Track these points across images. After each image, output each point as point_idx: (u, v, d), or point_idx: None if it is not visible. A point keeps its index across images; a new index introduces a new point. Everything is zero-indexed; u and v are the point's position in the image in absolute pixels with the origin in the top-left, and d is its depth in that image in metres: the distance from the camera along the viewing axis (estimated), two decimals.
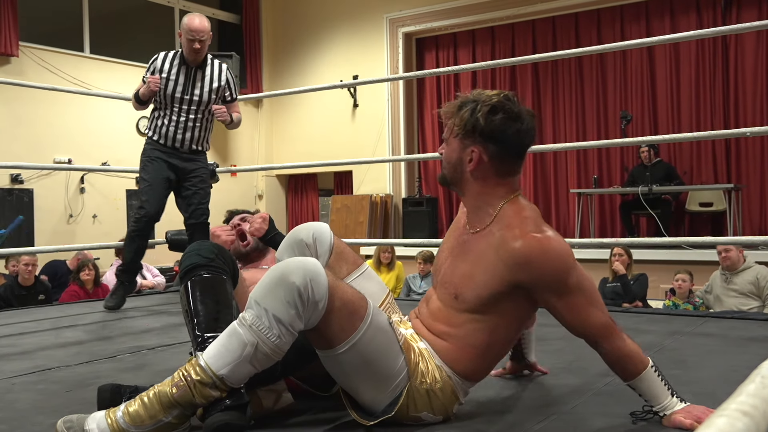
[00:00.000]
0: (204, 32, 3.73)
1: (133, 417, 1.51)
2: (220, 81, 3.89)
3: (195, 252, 1.82)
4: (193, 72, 3.82)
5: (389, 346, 1.59)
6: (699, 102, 8.24)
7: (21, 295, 5.73)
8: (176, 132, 3.84)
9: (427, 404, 1.63)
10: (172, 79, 3.78)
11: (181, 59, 3.82)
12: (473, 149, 1.65)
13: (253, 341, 1.50)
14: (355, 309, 1.56)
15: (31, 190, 7.95)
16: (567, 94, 8.99)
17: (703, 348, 2.60)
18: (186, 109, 3.84)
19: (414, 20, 9.55)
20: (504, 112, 1.64)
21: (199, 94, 3.83)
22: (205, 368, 1.52)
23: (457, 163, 1.69)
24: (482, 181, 1.67)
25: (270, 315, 1.50)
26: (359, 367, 1.58)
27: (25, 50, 7.91)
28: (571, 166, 8.95)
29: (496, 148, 1.64)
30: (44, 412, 1.88)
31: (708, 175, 8.14)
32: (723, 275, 5.47)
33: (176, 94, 3.80)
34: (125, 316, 3.80)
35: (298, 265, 1.52)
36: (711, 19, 8.05)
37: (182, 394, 1.52)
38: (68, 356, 2.66)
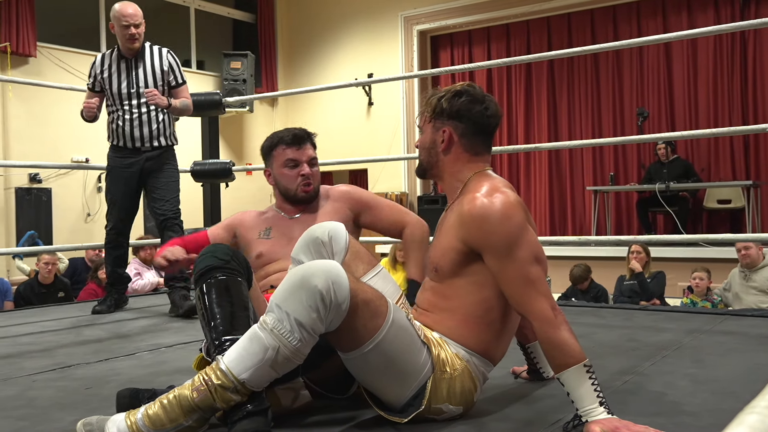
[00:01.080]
0: (138, 16, 3.58)
1: (153, 420, 1.51)
2: (162, 66, 3.68)
3: (210, 254, 1.81)
4: (133, 63, 3.62)
5: (411, 342, 1.60)
6: (717, 99, 8.16)
7: (41, 293, 5.79)
8: (132, 130, 3.63)
9: (448, 395, 1.64)
10: (114, 75, 3.61)
11: (118, 53, 3.64)
12: (444, 129, 1.77)
13: (274, 345, 1.50)
14: (377, 309, 1.56)
15: (50, 189, 8.02)
16: (583, 91, 8.94)
17: (723, 346, 2.58)
18: (137, 104, 3.63)
19: (429, 18, 9.53)
20: (467, 95, 1.76)
21: (145, 85, 3.62)
22: (227, 372, 1.51)
23: (431, 145, 1.81)
24: (454, 159, 1.78)
25: (292, 319, 1.49)
26: (383, 366, 1.59)
27: (43, 50, 7.97)
28: (588, 163, 8.90)
29: (464, 126, 1.76)
30: (64, 408, 1.90)
31: (726, 172, 8.07)
32: (742, 272, 5.43)
33: (122, 90, 3.60)
34: (143, 315, 3.83)
35: (320, 268, 1.52)
36: (729, 15, 7.97)
37: (203, 398, 1.51)
38: (88, 354, 2.69)
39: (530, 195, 9.24)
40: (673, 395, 1.86)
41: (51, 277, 5.89)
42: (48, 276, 5.86)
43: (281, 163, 2.30)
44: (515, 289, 1.60)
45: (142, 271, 6.49)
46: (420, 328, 1.67)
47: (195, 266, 1.84)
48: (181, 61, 10.61)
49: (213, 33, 10.32)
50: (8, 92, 7.64)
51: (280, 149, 2.32)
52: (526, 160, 9.28)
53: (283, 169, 2.29)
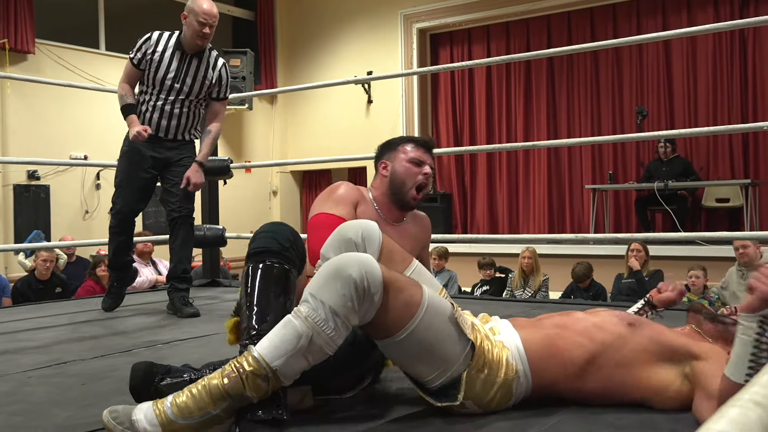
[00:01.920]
0: (216, 17, 3.46)
1: (181, 408, 1.49)
2: (212, 76, 3.57)
3: (271, 235, 1.76)
4: (188, 59, 3.50)
5: (447, 331, 1.63)
6: (716, 97, 8.16)
7: (38, 290, 5.79)
8: (161, 119, 3.51)
9: (478, 394, 1.65)
10: (165, 64, 3.47)
11: (177, 43, 3.49)
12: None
13: (308, 333, 1.51)
14: (411, 297, 1.60)
15: (48, 186, 8.01)
16: (582, 89, 8.94)
17: None
18: (173, 99, 3.51)
19: (428, 16, 9.52)
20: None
21: (191, 84, 3.51)
22: (259, 359, 1.51)
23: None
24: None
25: (327, 307, 1.52)
26: (418, 352, 1.62)
27: (42, 47, 7.97)
28: (586, 161, 8.91)
29: None
30: (60, 404, 1.90)
31: (725, 170, 8.07)
32: (739, 271, 5.44)
33: (166, 80, 3.48)
34: (141, 311, 3.82)
35: (353, 259, 1.56)
36: (728, 14, 7.97)
37: (233, 385, 1.50)
38: (84, 350, 2.68)
39: (529, 193, 9.25)
40: None
41: (48, 274, 5.89)
42: (45, 272, 5.87)
43: (408, 158, 2.22)
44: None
45: (140, 268, 6.49)
46: (469, 322, 1.70)
47: (252, 240, 1.78)
48: None
49: None
50: (6, 89, 7.64)
51: (410, 146, 2.24)
52: (525, 158, 9.28)
53: (407, 163, 2.21)
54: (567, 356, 1.70)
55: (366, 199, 2.25)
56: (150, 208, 8.94)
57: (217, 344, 2.72)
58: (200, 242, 4.86)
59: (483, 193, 9.56)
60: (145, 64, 3.49)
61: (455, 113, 9.85)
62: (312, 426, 1.66)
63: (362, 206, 2.22)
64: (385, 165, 2.27)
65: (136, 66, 3.50)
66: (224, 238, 4.79)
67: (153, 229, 8.64)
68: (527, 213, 9.27)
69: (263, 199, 10.42)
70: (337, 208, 2.16)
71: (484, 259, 6.93)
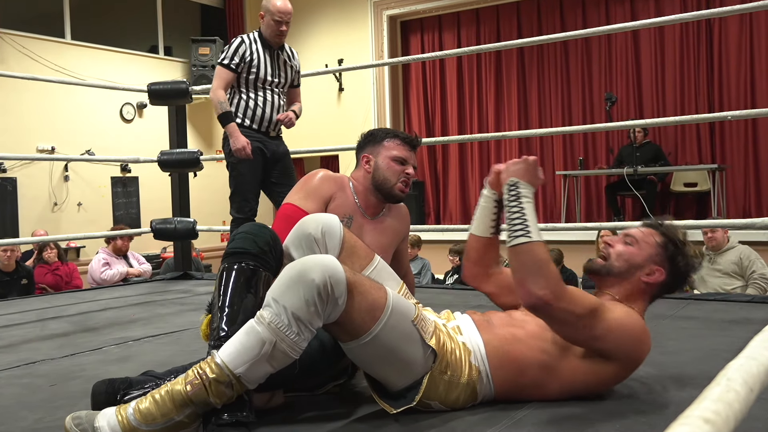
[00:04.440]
0: (290, 14, 3.71)
1: (145, 415, 1.48)
2: (295, 65, 3.85)
3: (251, 237, 1.74)
4: (276, 54, 3.76)
5: (411, 334, 1.62)
6: (683, 83, 8.25)
7: (4, 281, 5.71)
8: (272, 113, 3.71)
9: (442, 395, 1.66)
10: (262, 63, 3.68)
11: (263, 42, 3.72)
12: (658, 269, 1.77)
13: (271, 339, 1.49)
14: (375, 301, 1.58)
15: (15, 178, 7.88)
16: (552, 75, 8.98)
17: (685, 332, 2.63)
18: (276, 92, 3.74)
19: (398, 3, 9.49)
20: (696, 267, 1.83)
21: (284, 77, 3.78)
22: (222, 366, 1.49)
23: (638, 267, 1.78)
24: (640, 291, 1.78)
25: (289, 313, 1.49)
26: (382, 355, 1.61)
27: (5, 37, 7.81)
28: (557, 147, 8.97)
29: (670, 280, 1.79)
30: (29, 406, 1.88)
31: (692, 155, 8.18)
32: (707, 255, 5.52)
33: (267, 77, 3.70)
34: (110, 306, 3.79)
35: (316, 263, 1.53)
36: (695, 2, 8.05)
37: (197, 392, 1.49)
38: (53, 349, 2.66)
39: None
40: (634, 383, 1.89)
41: (12, 264, 5.79)
42: (8, 263, 5.77)
43: (392, 156, 2.20)
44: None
45: (111, 261, 6.43)
46: (432, 323, 1.68)
47: (231, 240, 1.77)
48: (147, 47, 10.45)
49: (181, 18, 10.18)
50: None
51: (396, 142, 2.22)
52: (497, 146, 9.32)
53: (391, 161, 2.19)
54: (522, 368, 1.70)
55: (346, 191, 2.23)
56: (120, 200, 8.84)
57: (189, 340, 2.71)
58: (171, 235, 4.83)
59: (455, 180, 9.59)
60: (243, 66, 3.66)
61: (426, 100, 9.85)
62: (279, 426, 1.66)
63: (340, 198, 2.20)
64: (367, 159, 2.25)
65: (234, 70, 3.66)
66: (195, 231, 4.76)
67: (123, 221, 8.56)
68: None
69: None
70: (306, 201, 2.15)
71: (455, 245, 6.94)
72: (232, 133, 3.58)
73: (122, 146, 8.53)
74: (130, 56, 9.09)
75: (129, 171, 8.89)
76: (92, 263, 6.47)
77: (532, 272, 1.56)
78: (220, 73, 3.66)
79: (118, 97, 8.71)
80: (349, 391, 1.93)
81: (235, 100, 3.70)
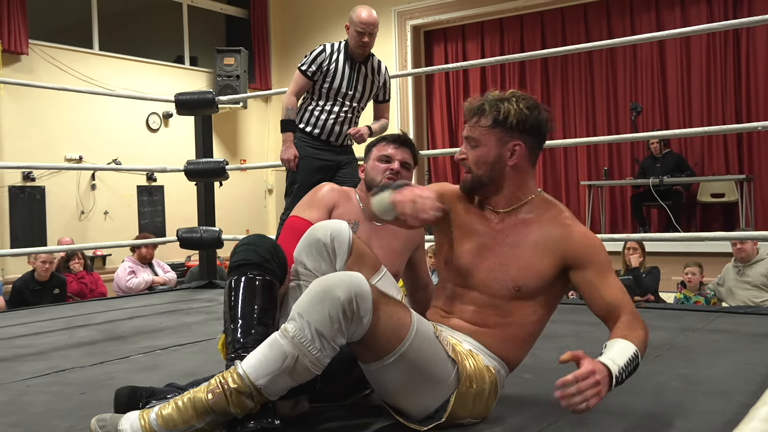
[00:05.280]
0: (375, 25, 3.67)
1: (167, 420, 1.51)
2: (379, 81, 3.80)
3: (253, 248, 1.76)
4: (357, 66, 3.71)
5: (436, 354, 1.60)
6: (710, 93, 8.16)
7: (35, 290, 5.77)
8: (334, 124, 3.67)
9: (472, 409, 1.66)
10: (339, 71, 3.66)
11: (346, 52, 3.70)
12: (515, 143, 1.72)
13: (293, 353, 1.49)
14: (400, 321, 1.57)
15: (43, 187, 7.98)
16: (577, 85, 8.94)
17: (716, 345, 2.60)
18: (347, 104, 3.70)
19: (422, 13, 9.51)
20: (537, 109, 1.74)
21: (362, 90, 3.72)
22: (244, 377, 1.50)
23: (496, 160, 1.74)
24: (519, 173, 1.76)
25: (313, 329, 1.49)
26: (406, 377, 1.59)
27: (35, 48, 7.93)
28: (582, 158, 8.91)
29: (533, 140, 1.75)
30: (59, 415, 1.90)
31: (719, 165, 8.08)
32: (736, 267, 5.45)
33: (342, 88, 3.67)
34: (137, 314, 3.82)
35: (343, 280, 1.52)
36: (722, 10, 7.97)
37: (217, 401, 1.50)
38: (82, 357, 2.68)
39: None
40: (666, 396, 1.87)
41: (47, 275, 5.87)
42: (44, 274, 5.84)
43: (376, 156, 2.24)
44: (617, 293, 1.69)
45: (136, 269, 6.49)
46: (446, 340, 1.66)
47: (233, 254, 1.79)
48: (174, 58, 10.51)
49: (206, 29, 10.28)
50: (0, 90, 7.60)
51: (381, 145, 2.27)
52: None
53: (375, 162, 2.24)
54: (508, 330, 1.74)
55: (351, 200, 2.29)
56: (146, 209, 8.93)
57: (215, 350, 2.71)
58: (197, 244, 4.87)
59: None
60: (319, 75, 3.65)
61: (450, 110, 9.84)
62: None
63: (344, 207, 2.25)
64: (362, 168, 2.33)
65: (310, 77, 3.66)
66: (221, 240, 4.79)
67: (149, 230, 8.63)
68: None
69: (259, 198, 10.40)
70: (311, 211, 2.20)
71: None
72: (284, 141, 3.60)
73: (148, 156, 8.61)
74: (156, 66, 9.19)
75: (155, 180, 8.97)
76: (118, 271, 6.53)
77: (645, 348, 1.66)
78: (296, 78, 3.69)
79: (144, 107, 8.81)
80: (374, 402, 1.93)
81: (305, 105, 3.71)
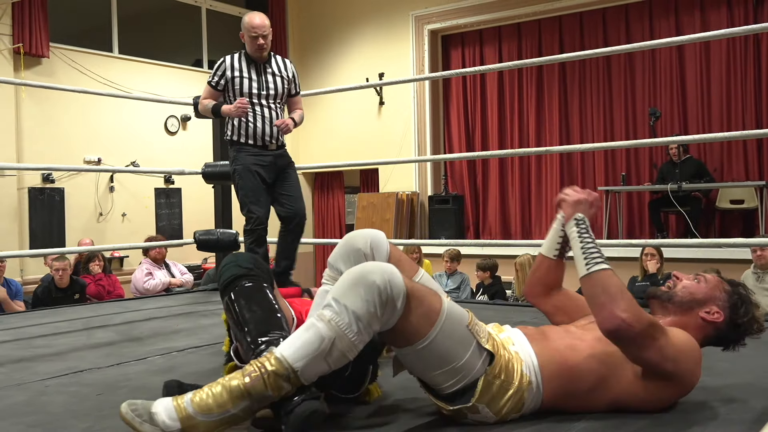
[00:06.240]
0: (265, 27, 3.77)
1: (201, 405, 1.52)
2: (287, 74, 3.91)
3: (233, 263, 1.85)
4: (262, 67, 3.83)
5: (466, 340, 1.65)
6: (730, 98, 8.09)
7: (57, 297, 5.77)
8: (264, 127, 3.77)
9: (491, 399, 1.66)
10: (245, 77, 3.78)
11: (247, 58, 3.83)
12: (718, 312, 1.82)
13: (330, 336, 1.54)
14: (431, 306, 1.63)
15: (62, 189, 8.06)
16: (595, 90, 8.89)
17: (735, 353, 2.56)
18: (266, 105, 3.80)
19: (439, 17, 9.51)
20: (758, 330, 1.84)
21: (274, 88, 3.83)
22: (282, 360, 1.54)
23: (698, 302, 1.84)
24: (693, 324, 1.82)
25: (350, 311, 1.55)
26: (437, 360, 1.63)
27: (56, 51, 8.01)
28: (599, 163, 8.86)
29: (727, 327, 1.83)
30: (77, 415, 1.91)
31: (739, 171, 8.01)
32: (755, 274, 5.40)
33: (253, 90, 3.78)
34: (154, 316, 3.85)
35: (376, 266, 1.60)
36: (742, 15, 7.90)
37: (255, 384, 1.53)
38: (99, 358, 2.70)
39: (541, 195, 9.21)
40: (683, 404, 1.85)
41: (66, 281, 5.89)
42: (60, 280, 5.85)
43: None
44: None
45: (153, 270, 6.53)
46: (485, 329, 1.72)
47: (219, 276, 1.88)
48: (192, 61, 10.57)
49: (224, 32, 10.33)
50: (21, 93, 7.69)
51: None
52: (538, 159, 9.24)
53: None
54: (578, 376, 1.72)
55: None
56: (163, 211, 8.99)
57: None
58: (214, 246, 4.89)
59: (495, 194, 9.53)
60: (224, 84, 3.79)
61: (467, 114, 9.82)
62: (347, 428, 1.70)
63: None
64: None
65: (215, 87, 3.81)
66: (238, 242, 4.81)
67: (166, 232, 8.69)
68: (539, 214, 9.23)
69: None
70: None
71: (483, 261, 6.82)
72: (225, 112, 3.70)
73: (166, 158, 8.67)
74: (175, 70, 9.26)
75: (172, 182, 9.03)
76: (136, 273, 6.58)
77: (612, 297, 1.63)
78: (205, 90, 3.86)
79: (162, 109, 8.88)
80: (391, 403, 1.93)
81: (231, 121, 3.81)
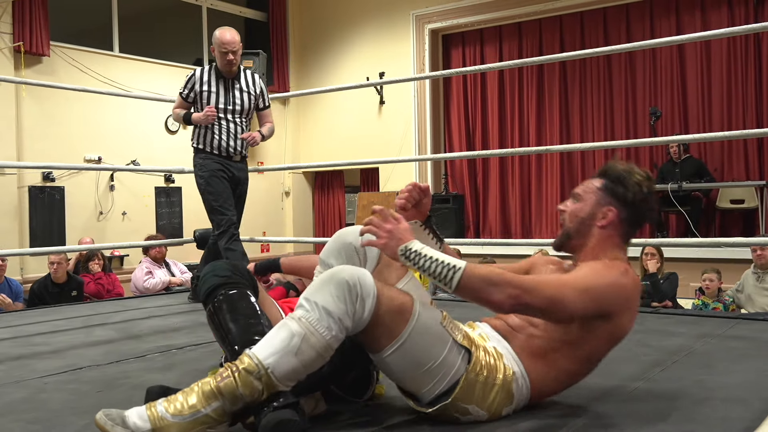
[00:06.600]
0: (235, 44, 3.89)
1: (173, 407, 1.53)
2: (255, 90, 4.05)
3: (211, 274, 1.84)
4: (230, 83, 3.96)
5: (440, 339, 1.65)
6: (730, 98, 8.08)
7: (54, 293, 5.79)
8: (229, 140, 3.95)
9: (478, 398, 1.67)
10: (213, 91, 3.92)
11: (216, 72, 3.96)
12: (610, 209, 1.79)
13: (300, 332, 1.54)
14: (403, 305, 1.63)
15: (63, 187, 8.05)
16: (595, 89, 8.88)
17: (734, 352, 2.57)
18: (231, 119, 3.95)
19: (440, 17, 9.51)
20: (649, 193, 1.80)
21: (240, 103, 3.97)
22: (251, 356, 1.55)
23: (588, 217, 1.81)
24: (605, 237, 1.79)
25: (320, 307, 1.55)
26: (413, 362, 1.63)
27: (56, 49, 8.01)
28: (599, 162, 8.83)
29: (631, 218, 1.80)
30: (76, 412, 1.92)
31: (739, 171, 8.00)
32: (755, 274, 5.39)
33: (220, 105, 3.92)
34: (154, 314, 3.85)
35: (347, 267, 1.63)
36: (743, 14, 7.90)
37: (226, 382, 1.53)
38: (98, 355, 2.70)
39: (541, 194, 9.21)
40: (684, 403, 1.85)
41: (64, 276, 5.88)
42: (60, 275, 5.85)
43: None
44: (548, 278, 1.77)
45: (153, 269, 6.53)
46: (457, 328, 1.71)
47: (199, 288, 1.87)
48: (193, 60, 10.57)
49: None
50: (22, 91, 7.68)
51: None
52: (538, 159, 9.24)
53: None
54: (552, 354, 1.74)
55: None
56: (164, 210, 8.99)
57: None
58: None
59: (495, 193, 9.53)
60: (194, 96, 3.96)
61: (467, 114, 9.82)
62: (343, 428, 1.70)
63: None
64: None
65: (185, 99, 4.00)
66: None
67: (166, 231, 8.69)
68: (540, 213, 9.23)
69: (276, 200, 10.44)
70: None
71: (483, 261, 6.81)
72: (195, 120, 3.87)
73: (166, 157, 8.66)
74: (175, 69, 9.25)
75: (172, 181, 9.03)
76: (136, 272, 6.58)
77: (485, 291, 1.58)
78: (177, 99, 4.02)
79: (163, 108, 8.85)
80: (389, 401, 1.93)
81: (197, 130, 3.96)
